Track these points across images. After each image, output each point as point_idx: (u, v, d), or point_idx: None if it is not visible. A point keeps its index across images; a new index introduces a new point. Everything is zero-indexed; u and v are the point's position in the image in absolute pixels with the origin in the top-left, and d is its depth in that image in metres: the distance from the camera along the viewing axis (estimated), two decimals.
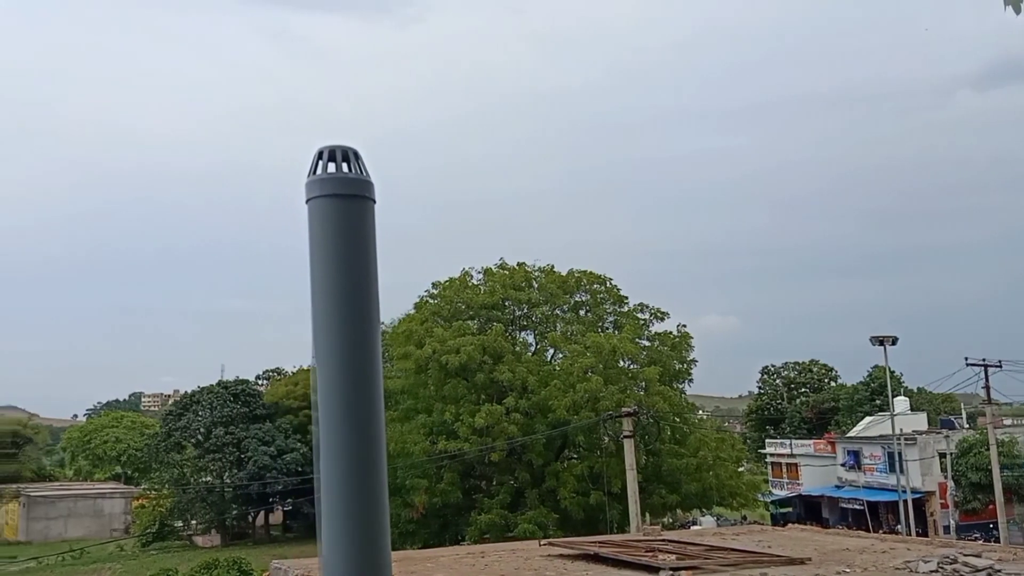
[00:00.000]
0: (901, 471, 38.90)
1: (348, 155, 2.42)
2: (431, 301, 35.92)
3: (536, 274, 35.94)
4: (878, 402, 57.26)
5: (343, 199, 2.36)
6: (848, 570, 9.23)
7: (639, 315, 35.61)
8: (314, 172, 2.40)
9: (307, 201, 2.39)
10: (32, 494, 59.50)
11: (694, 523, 41.07)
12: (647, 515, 29.31)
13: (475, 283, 36.03)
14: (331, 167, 2.39)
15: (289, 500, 47.40)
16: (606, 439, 31.24)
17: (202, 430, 47.34)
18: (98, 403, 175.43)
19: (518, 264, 36.04)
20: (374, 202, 2.43)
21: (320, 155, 2.42)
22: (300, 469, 44.46)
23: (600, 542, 11.46)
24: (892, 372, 45.46)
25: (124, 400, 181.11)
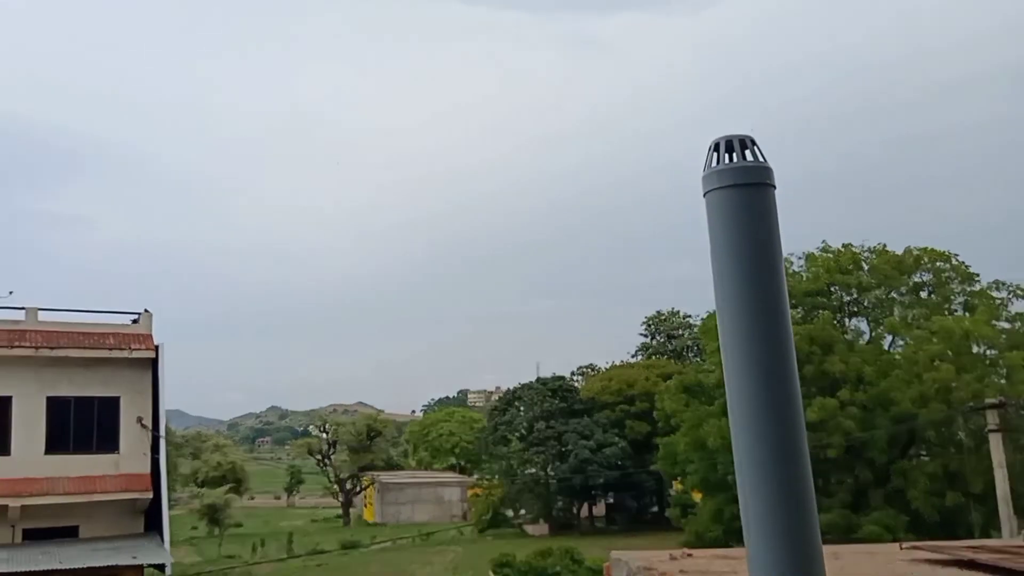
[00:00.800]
0: None
1: (745, 143, 2.45)
2: None
3: (865, 255, 33.30)
4: None
5: (743, 188, 2.40)
6: None
7: (994, 294, 31.54)
8: (711, 164, 2.47)
9: (705, 194, 2.47)
10: (385, 481, 67.57)
11: None
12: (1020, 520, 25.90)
13: (795, 270, 34.30)
14: (727, 157, 2.46)
15: (611, 493, 48.67)
16: (961, 434, 28.14)
17: (525, 424, 50.24)
18: (431, 399, 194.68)
19: (843, 246, 33.67)
20: (774, 188, 2.44)
21: (716, 147, 2.48)
22: (619, 463, 45.42)
23: (973, 547, 10.32)
24: None
25: (452, 397, 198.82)
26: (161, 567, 23.24)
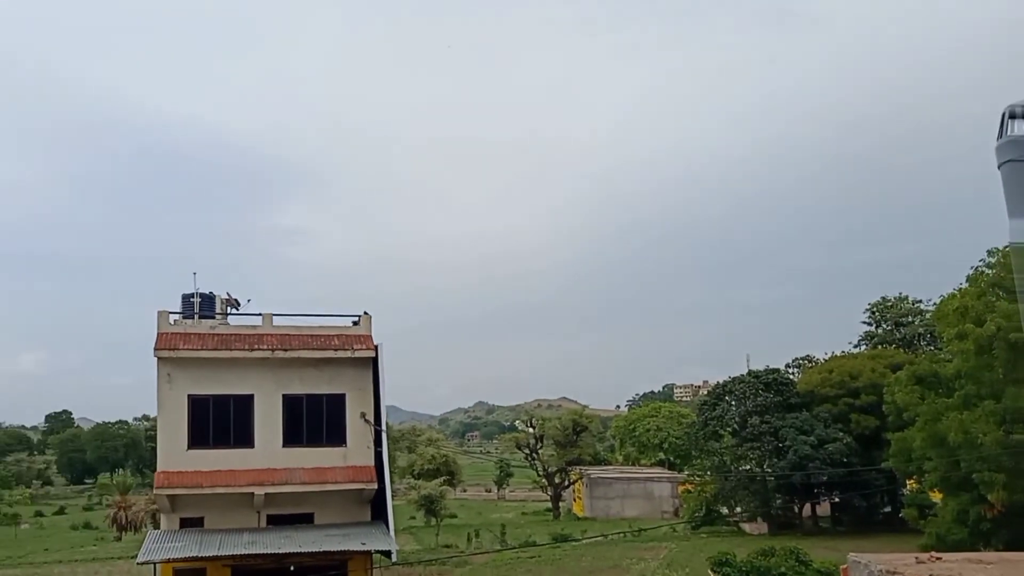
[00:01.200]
0: None
1: None
2: (988, 272, 31.83)
3: None
4: None
5: None
6: None
7: None
8: (1007, 132, 2.29)
9: (1001, 165, 2.29)
10: (592, 476, 68.21)
11: None
12: None
13: None
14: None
15: (836, 491, 46.26)
16: None
17: (737, 419, 48.82)
18: (636, 394, 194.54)
19: None
20: None
21: (1012, 114, 2.30)
22: (844, 460, 43.12)
23: None
24: None
25: (658, 391, 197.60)
26: (388, 553, 24.86)
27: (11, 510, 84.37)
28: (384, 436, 25.99)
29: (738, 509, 49.63)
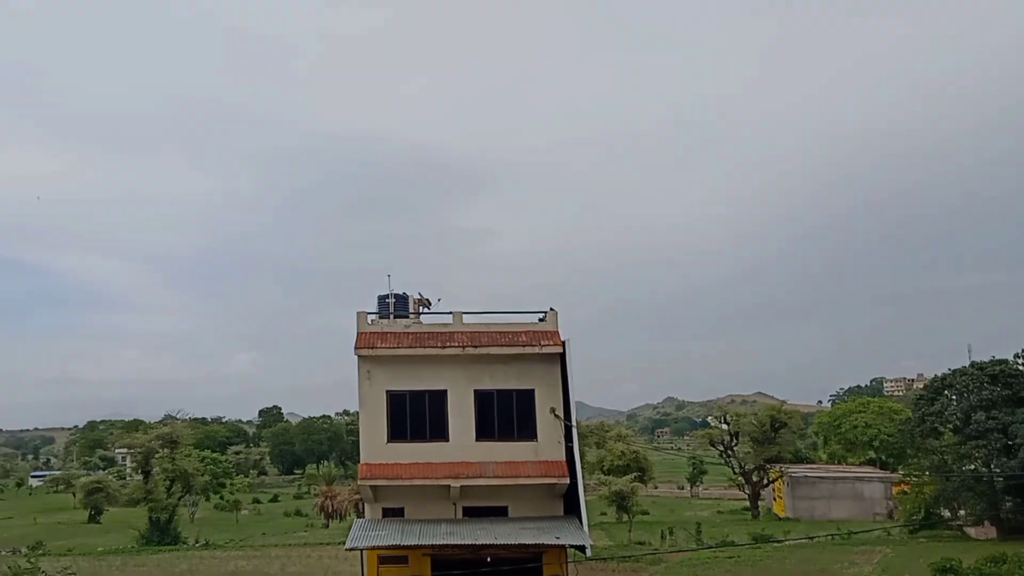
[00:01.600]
0: None
1: None
2: None
3: None
4: None
5: None
6: None
7: None
8: None
9: None
10: (794, 474, 65.72)
11: None
12: None
13: None
14: None
15: None
16: None
17: (959, 415, 45.49)
18: (840, 389, 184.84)
19: None
20: None
21: None
22: None
23: None
24: None
25: (865, 386, 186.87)
26: (582, 548, 25.23)
27: (233, 497, 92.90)
28: (574, 431, 26.34)
29: (962, 512, 46.31)
